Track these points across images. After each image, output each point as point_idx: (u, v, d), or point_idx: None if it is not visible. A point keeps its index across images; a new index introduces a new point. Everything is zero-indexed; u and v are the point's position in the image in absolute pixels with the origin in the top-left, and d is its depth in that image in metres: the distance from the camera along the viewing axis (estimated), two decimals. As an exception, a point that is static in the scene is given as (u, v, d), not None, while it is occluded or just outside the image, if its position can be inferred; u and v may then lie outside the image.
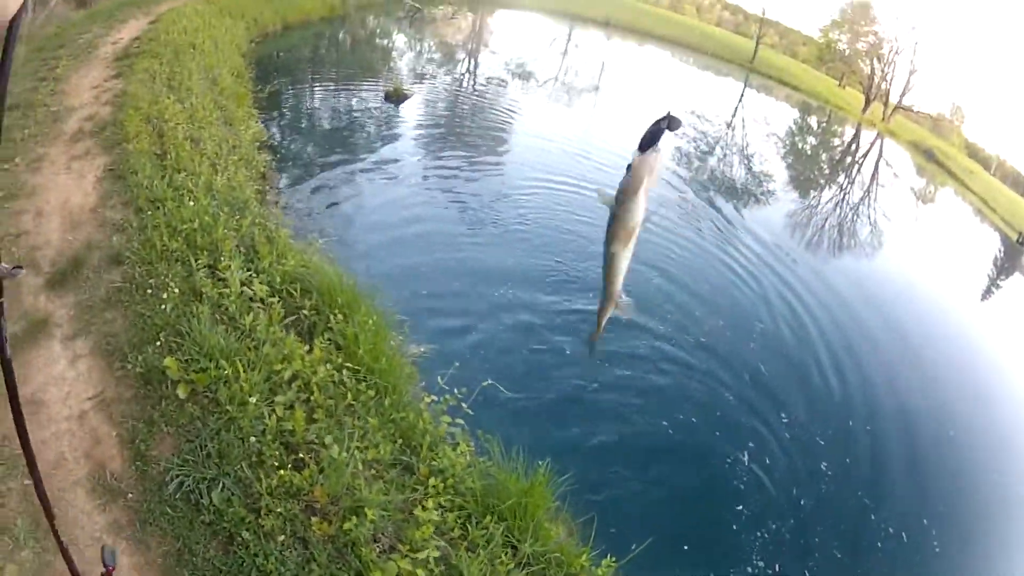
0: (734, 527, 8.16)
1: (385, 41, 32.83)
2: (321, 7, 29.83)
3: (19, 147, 10.10)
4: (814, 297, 15.06)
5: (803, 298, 14.77)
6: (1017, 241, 49.95)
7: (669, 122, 1.82)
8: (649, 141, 1.82)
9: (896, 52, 74.13)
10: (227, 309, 6.68)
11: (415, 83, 23.61)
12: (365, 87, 22.05)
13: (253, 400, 5.52)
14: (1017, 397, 15.58)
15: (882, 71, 74.77)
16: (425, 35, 36.10)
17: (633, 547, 6.11)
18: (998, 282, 34.24)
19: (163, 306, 6.52)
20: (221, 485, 4.95)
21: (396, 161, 15.93)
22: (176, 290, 6.74)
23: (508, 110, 24.00)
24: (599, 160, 20.03)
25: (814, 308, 14.45)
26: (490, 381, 7.43)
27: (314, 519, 4.85)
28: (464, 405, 6.56)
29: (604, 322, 2.43)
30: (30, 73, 14.31)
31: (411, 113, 20.19)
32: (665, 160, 1.89)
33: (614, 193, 1.86)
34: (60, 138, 10.60)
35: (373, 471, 5.47)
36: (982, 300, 27.40)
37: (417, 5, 38.43)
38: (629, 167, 1.84)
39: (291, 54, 24.70)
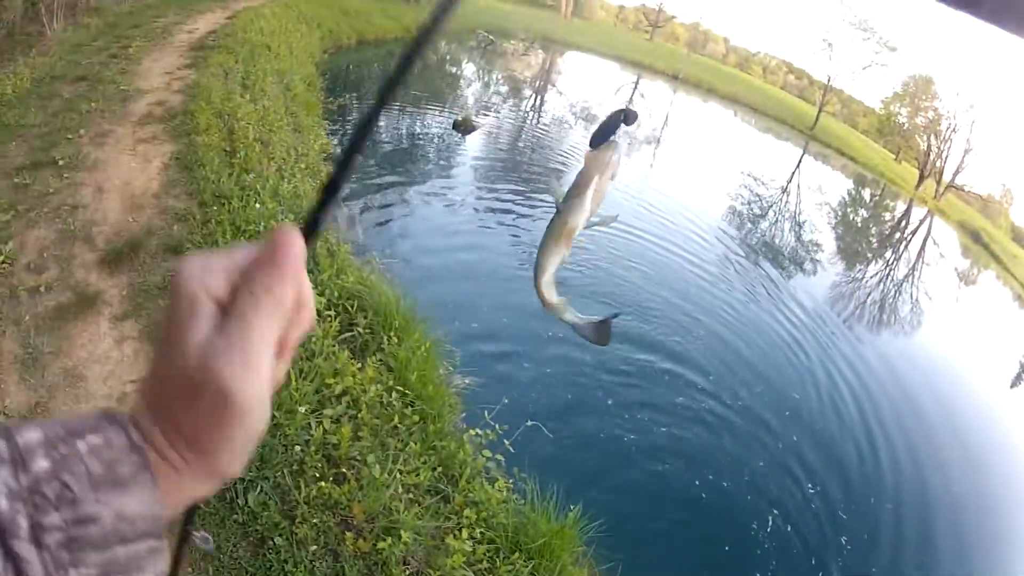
0: (738, 533, 8.57)
1: (455, 69, 33.07)
2: (396, 27, 30.13)
3: (84, 119, 10.28)
4: (852, 372, 15.01)
5: (842, 372, 14.73)
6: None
7: (625, 116, 1.66)
8: (603, 136, 1.65)
9: (953, 130, 73.99)
10: None
11: (481, 113, 23.71)
12: (431, 112, 22.20)
13: (302, 410, 5.62)
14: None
15: (938, 148, 74.61)
16: (495, 67, 36.33)
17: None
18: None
19: None
20: (259, 488, 5.02)
21: (456, 189, 16.07)
22: None
23: (569, 151, 24.02)
24: (654, 208, 20.23)
25: (851, 383, 14.41)
26: (532, 422, 7.46)
27: (348, 534, 4.92)
28: (506, 442, 6.61)
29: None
30: (102, 48, 14.53)
31: (476, 143, 20.29)
32: (620, 157, 1.64)
33: (566, 189, 1.69)
34: (128, 118, 10.80)
35: (411, 495, 5.54)
36: (1012, 387, 27.30)
37: (491, 37, 38.69)
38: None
39: (362, 70, 24.92)
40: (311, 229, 0.79)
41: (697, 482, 9.20)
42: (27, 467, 0.63)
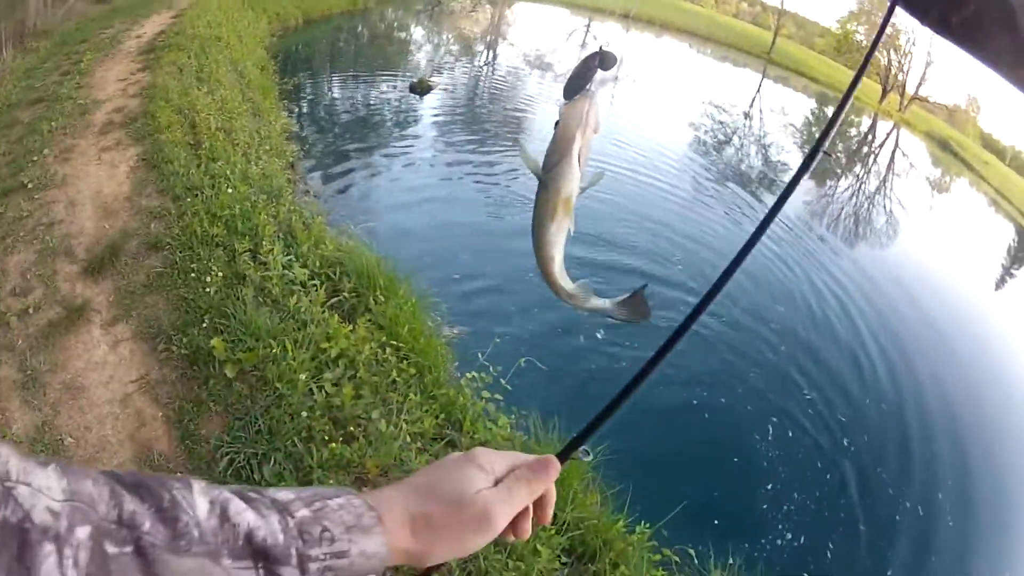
0: (762, 499, 8.44)
1: (404, 34, 32.93)
2: (343, 2, 29.92)
3: (47, 139, 10.27)
4: (835, 283, 15.37)
5: (825, 283, 15.05)
6: (1035, 231, 49.98)
7: (601, 59, 1.47)
8: (577, 84, 1.45)
9: (913, 43, 74.00)
10: (270, 292, 6.87)
11: (436, 74, 23.70)
12: (385, 79, 22.15)
13: (302, 377, 5.70)
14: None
15: (899, 62, 74.66)
16: (444, 28, 36.17)
17: (663, 512, 6.34)
18: (1012, 271, 34.29)
19: (207, 289, 6.71)
20: (272, 460, 5.13)
21: (420, 150, 16.17)
22: (219, 274, 6.93)
23: (527, 100, 24.21)
24: (622, 143, 20.62)
25: (836, 293, 14.83)
26: (526, 359, 7.49)
27: (365, 489, 4.95)
28: (503, 381, 6.70)
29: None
30: (53, 67, 14.49)
31: (433, 103, 20.33)
32: (600, 106, 1.43)
33: (541, 157, 1.42)
34: (89, 130, 10.77)
35: (418, 444, 5.63)
36: (996, 289, 27.50)
37: (437, -2, 38.52)
38: (557, 123, 1.41)
39: (312, 48, 24.84)
40: (565, 455, 1.22)
41: (695, 401, 9.41)
42: (292, 514, 0.87)
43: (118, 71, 13.94)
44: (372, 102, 19.53)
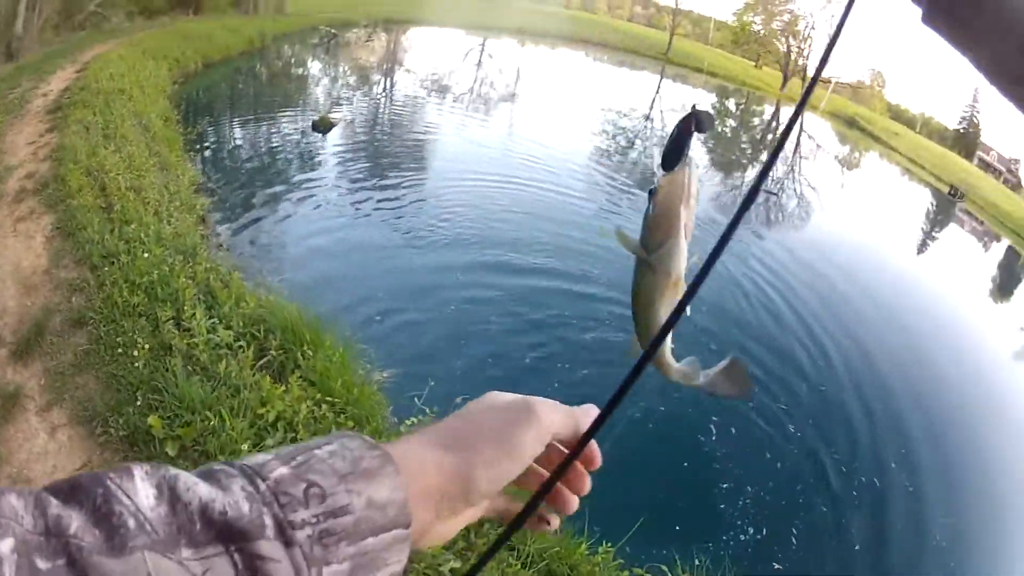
0: (718, 498, 8.54)
1: (302, 70, 32.80)
2: (239, 42, 29.60)
3: (-40, 216, 10.07)
4: (762, 266, 16.11)
5: (751, 267, 15.76)
6: (949, 194, 51.29)
7: (697, 122, 1.31)
8: (675, 152, 1.29)
9: (812, 27, 75.44)
10: (198, 359, 6.75)
11: (335, 108, 23.64)
12: (286, 119, 21.98)
13: (244, 448, 5.64)
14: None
15: (798, 47, 76.01)
16: (341, 60, 36.07)
17: (623, 529, 6.42)
18: (933, 234, 35.15)
19: (135, 364, 6.58)
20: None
21: (327, 189, 16.08)
22: (145, 346, 6.79)
23: (427, 126, 24.38)
24: (521, 158, 21.15)
25: (765, 276, 15.52)
26: (462, 396, 7.46)
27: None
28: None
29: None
30: (-37, 135, 14.22)
31: (335, 140, 20.25)
32: (698, 174, 1.30)
33: (639, 235, 1.28)
34: (3, 199, 10.57)
35: None
36: (918, 254, 28.14)
37: (332, 31, 38.34)
38: (652, 192, 1.26)
39: (213, 92, 24.58)
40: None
41: (635, 412, 9.35)
42: (264, 475, 0.68)
43: (27, 133, 13.69)
44: (275, 144, 19.35)
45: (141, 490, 0.62)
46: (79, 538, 0.56)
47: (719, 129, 42.92)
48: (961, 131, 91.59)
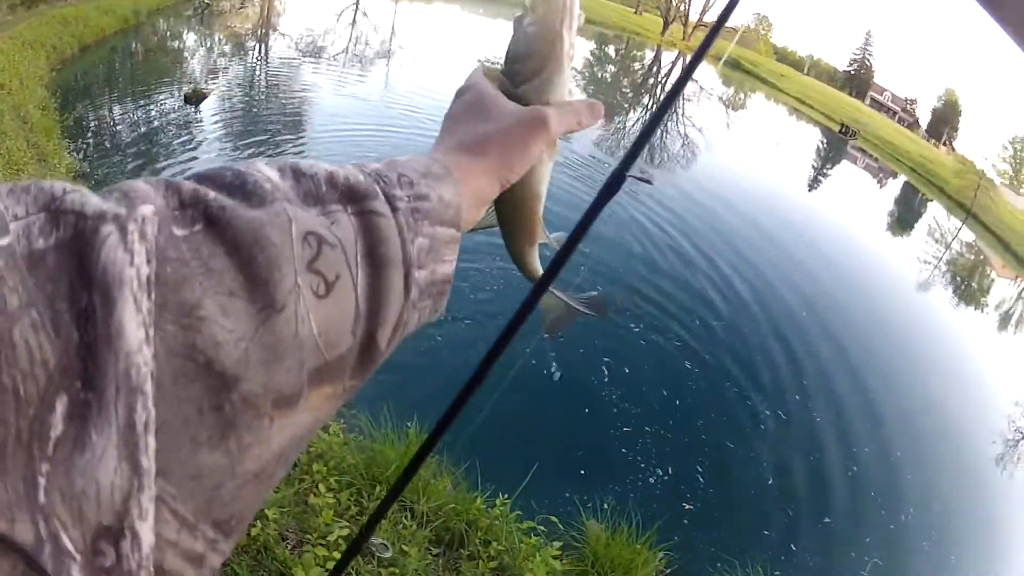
0: (618, 441, 8.62)
1: (177, 43, 32.06)
2: (115, 21, 28.46)
3: None
4: (655, 207, 16.36)
5: (645, 209, 15.99)
6: (839, 132, 52.40)
7: None
8: None
9: (693, -28, 75.58)
10: None
11: (210, 80, 23.17)
12: (162, 94, 21.43)
13: None
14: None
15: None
16: (215, 29, 35.30)
17: (521, 480, 6.41)
18: (825, 171, 35.89)
19: None
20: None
21: (201, 160, 16.03)
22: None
23: (304, 86, 24.47)
24: (403, 109, 21.41)
25: (651, 219, 15.67)
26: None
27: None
28: None
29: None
30: None
31: (211, 111, 19.90)
32: None
33: (505, 65, 1.08)
34: None
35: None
36: (810, 190, 28.78)
37: (206, 1, 37.50)
38: (520, 20, 1.07)
39: (90, 75, 23.84)
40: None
41: (521, 358, 9.41)
42: (364, 166, 0.76)
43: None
44: (154, 121, 18.89)
45: (267, 169, 0.67)
46: (218, 200, 0.58)
47: (599, 75, 42.93)
48: (852, 72, 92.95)
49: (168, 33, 33.55)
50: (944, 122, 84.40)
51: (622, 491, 7.79)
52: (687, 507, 8.03)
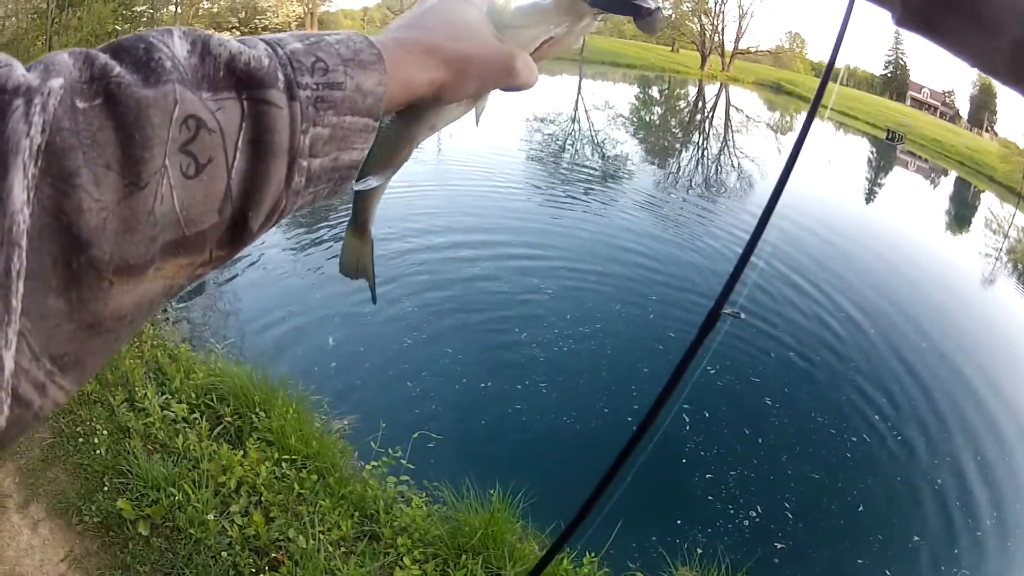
0: (699, 487, 8.52)
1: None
2: None
3: None
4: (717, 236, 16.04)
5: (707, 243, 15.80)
6: (887, 139, 52.07)
7: None
8: None
9: (723, 3, 75.91)
10: (156, 437, 6.71)
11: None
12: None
13: (210, 517, 5.64)
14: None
15: (712, 24, 76.37)
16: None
17: (607, 536, 6.29)
18: (879, 181, 35.63)
19: (97, 450, 6.51)
20: (205, 610, 5.07)
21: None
22: (104, 432, 6.75)
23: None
24: (460, 168, 20.92)
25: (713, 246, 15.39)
26: (419, 432, 7.47)
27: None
28: (403, 461, 6.74)
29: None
30: None
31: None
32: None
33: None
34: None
35: (343, 549, 5.61)
36: (868, 203, 28.56)
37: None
38: None
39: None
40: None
41: (588, 404, 9.46)
42: (283, 46, 0.77)
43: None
44: None
45: (178, 44, 0.70)
46: (120, 76, 0.63)
47: (646, 118, 42.99)
48: (889, 75, 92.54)
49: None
50: (983, 108, 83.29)
51: (711, 538, 7.65)
52: (779, 546, 7.87)
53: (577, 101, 44.38)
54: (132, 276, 0.63)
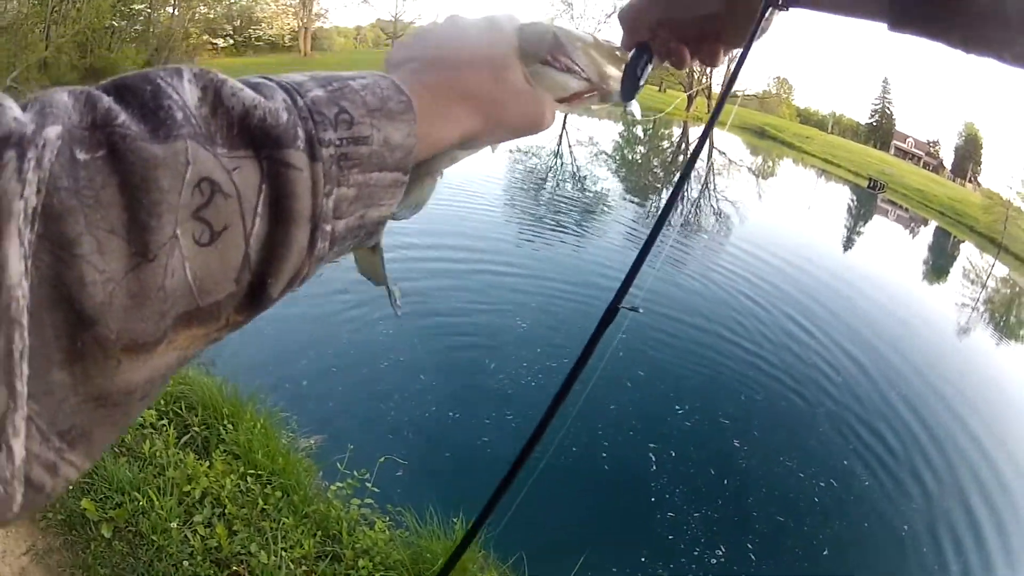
0: (664, 526, 8.49)
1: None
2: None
3: None
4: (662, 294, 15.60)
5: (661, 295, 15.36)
6: (868, 187, 52.58)
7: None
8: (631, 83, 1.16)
9: (713, 45, 76.87)
10: (123, 440, 6.70)
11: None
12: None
13: (174, 525, 5.61)
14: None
15: (700, 67, 76.92)
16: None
17: (569, 571, 6.42)
18: (858, 228, 35.95)
19: None
20: (162, 619, 5.01)
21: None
22: None
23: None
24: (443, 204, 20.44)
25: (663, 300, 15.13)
26: (384, 457, 7.55)
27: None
28: (368, 484, 6.71)
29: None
30: None
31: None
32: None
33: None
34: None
35: (304, 568, 5.60)
36: (845, 250, 28.73)
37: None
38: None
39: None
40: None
41: (554, 439, 9.04)
42: (302, 93, 0.70)
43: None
44: None
45: (188, 89, 0.63)
46: (125, 126, 0.56)
47: (629, 156, 43.21)
48: (874, 124, 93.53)
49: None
50: (967, 159, 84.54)
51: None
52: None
53: (561, 136, 44.59)
54: (142, 353, 0.58)
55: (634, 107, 1.12)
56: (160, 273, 0.56)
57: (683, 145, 53.58)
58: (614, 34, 1.22)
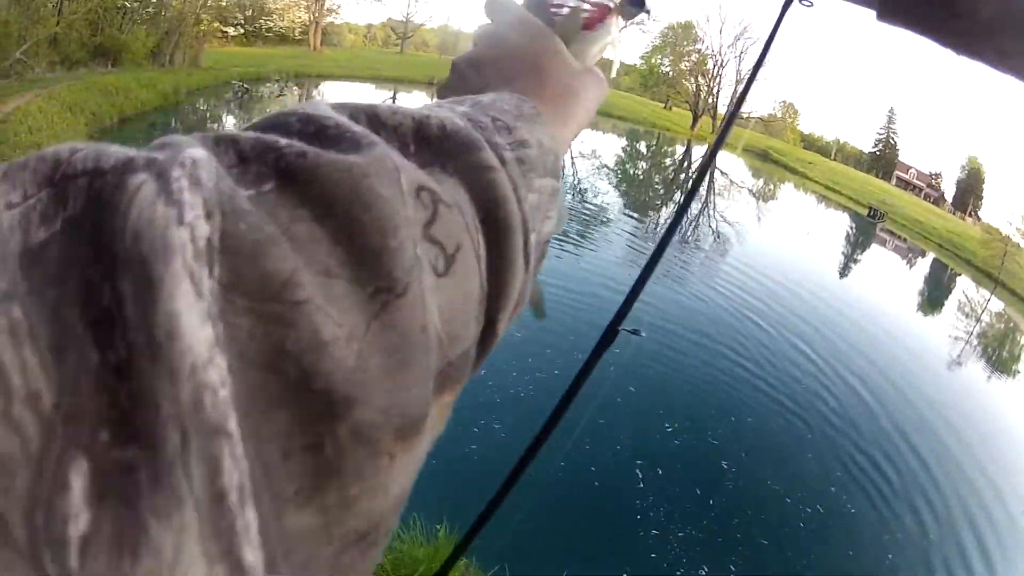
0: (648, 544, 8.46)
1: (217, 125, 32.39)
2: (155, 97, 28.82)
3: None
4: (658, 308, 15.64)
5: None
6: (868, 216, 52.79)
7: None
8: None
9: (721, 65, 76.56)
10: None
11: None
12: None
13: None
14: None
15: (707, 85, 76.94)
16: (253, 114, 35.69)
17: None
18: (856, 256, 36.06)
19: None
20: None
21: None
22: None
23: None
24: None
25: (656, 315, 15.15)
26: None
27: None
28: None
29: None
30: None
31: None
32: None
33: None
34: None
35: None
36: (842, 277, 28.79)
37: (246, 85, 37.97)
38: None
39: (127, 147, 24.30)
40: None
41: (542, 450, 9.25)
42: (455, 108, 0.59)
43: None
44: None
45: (337, 115, 0.46)
46: (293, 148, 0.39)
47: (631, 171, 43.27)
48: (877, 153, 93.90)
49: (208, 115, 33.99)
50: (969, 192, 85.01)
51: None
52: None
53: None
54: (416, 436, 0.40)
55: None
56: (417, 308, 0.40)
57: (685, 163, 53.59)
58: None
